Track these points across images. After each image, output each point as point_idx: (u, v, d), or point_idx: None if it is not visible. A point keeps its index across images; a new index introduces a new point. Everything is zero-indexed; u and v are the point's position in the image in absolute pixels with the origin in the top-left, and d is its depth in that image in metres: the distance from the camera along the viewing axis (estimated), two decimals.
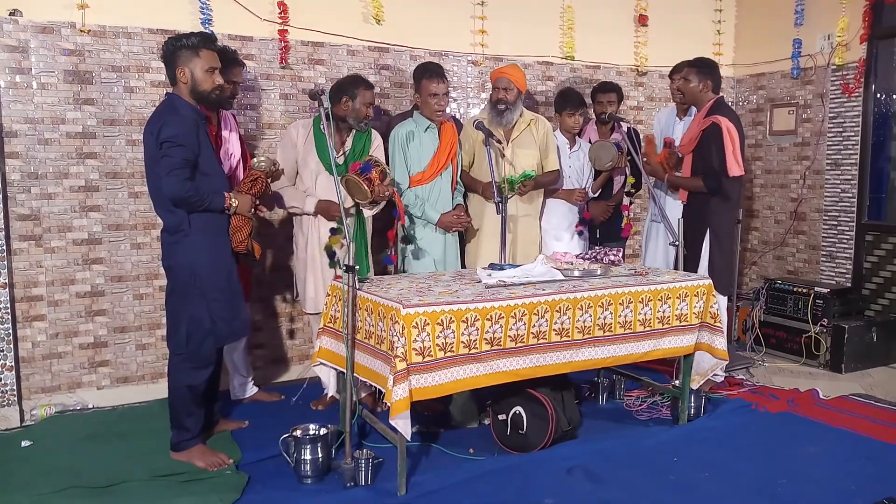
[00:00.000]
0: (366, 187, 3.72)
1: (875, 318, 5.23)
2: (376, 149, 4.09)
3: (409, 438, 3.03)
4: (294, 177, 4.08)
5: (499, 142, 4.33)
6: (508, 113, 4.37)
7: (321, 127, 3.89)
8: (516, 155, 4.42)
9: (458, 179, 4.42)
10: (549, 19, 5.51)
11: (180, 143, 3.15)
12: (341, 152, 4.01)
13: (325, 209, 3.94)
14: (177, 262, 3.31)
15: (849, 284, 5.46)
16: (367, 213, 4.03)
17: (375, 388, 3.45)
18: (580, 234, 4.78)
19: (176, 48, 3.27)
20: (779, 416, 4.05)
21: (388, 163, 4.16)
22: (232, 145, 3.91)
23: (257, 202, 3.53)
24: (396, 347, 2.94)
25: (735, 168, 4.20)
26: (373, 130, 4.15)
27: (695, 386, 3.95)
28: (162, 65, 3.41)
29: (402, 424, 2.95)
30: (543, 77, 5.55)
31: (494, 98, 4.39)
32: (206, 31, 4.16)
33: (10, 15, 3.87)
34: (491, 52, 5.24)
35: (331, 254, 3.40)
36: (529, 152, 4.46)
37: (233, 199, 3.35)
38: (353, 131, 4.05)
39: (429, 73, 4.21)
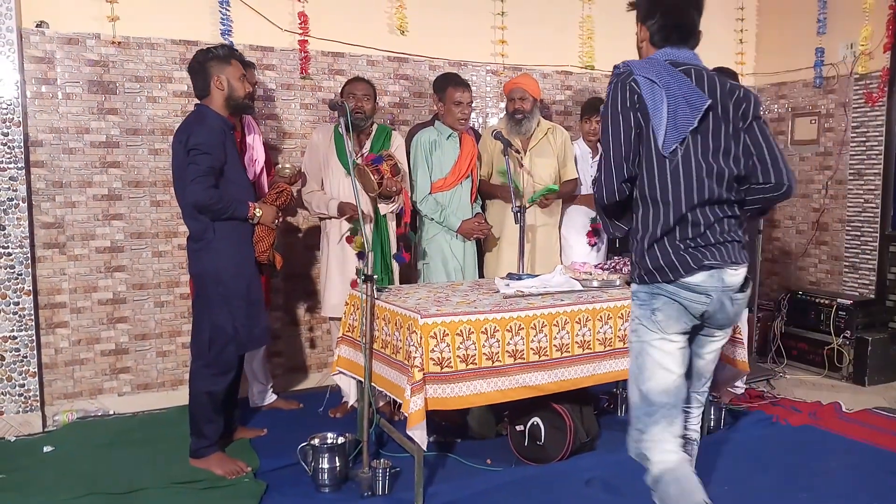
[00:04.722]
0: (374, 178, 3.74)
1: None
2: (396, 149, 4.11)
3: (425, 449, 3.03)
4: (321, 181, 4.12)
5: (517, 151, 4.34)
6: (526, 122, 4.39)
7: (339, 129, 3.92)
8: (534, 164, 4.43)
9: (477, 192, 4.42)
10: (568, 28, 5.51)
11: (206, 150, 3.21)
12: (360, 155, 4.03)
13: (343, 209, 3.97)
14: (202, 269, 3.36)
15: (872, 296, 5.39)
16: (384, 209, 4.04)
17: (393, 397, 3.46)
18: (594, 246, 4.75)
19: (207, 59, 3.34)
20: (800, 429, 4.00)
21: (409, 167, 4.18)
22: (256, 150, 3.95)
23: (281, 214, 3.58)
24: (414, 357, 2.93)
25: None
26: (393, 132, 4.18)
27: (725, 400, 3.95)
28: (185, 75, 3.45)
29: (420, 435, 2.95)
30: (562, 86, 5.55)
31: (511, 109, 4.41)
32: (227, 41, 4.23)
33: (36, 27, 3.94)
34: (510, 61, 5.25)
35: (360, 255, 3.40)
36: (547, 161, 4.46)
37: (257, 210, 3.40)
38: (373, 134, 4.08)
39: (454, 81, 4.24)
